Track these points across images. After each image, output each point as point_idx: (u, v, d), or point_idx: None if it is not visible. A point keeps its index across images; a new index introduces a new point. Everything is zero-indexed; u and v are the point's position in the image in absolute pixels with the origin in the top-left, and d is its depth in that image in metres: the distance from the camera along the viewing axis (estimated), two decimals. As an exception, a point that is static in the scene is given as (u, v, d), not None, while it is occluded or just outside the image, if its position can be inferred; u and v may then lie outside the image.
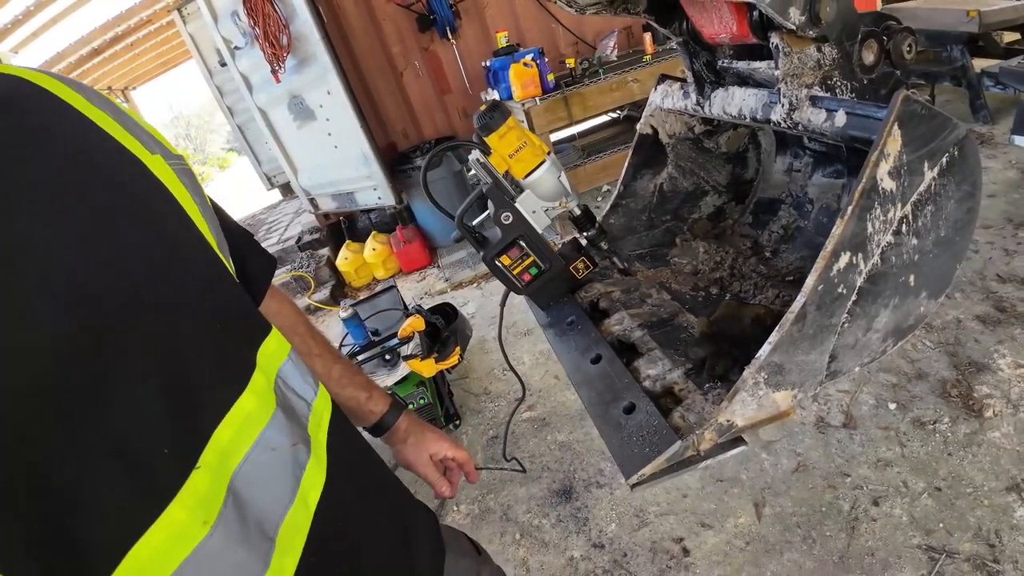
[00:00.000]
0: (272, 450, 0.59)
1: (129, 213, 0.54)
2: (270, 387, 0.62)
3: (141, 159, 0.58)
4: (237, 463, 0.55)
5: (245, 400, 0.57)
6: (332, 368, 0.91)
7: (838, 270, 0.78)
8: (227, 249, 0.68)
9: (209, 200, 0.69)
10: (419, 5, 4.83)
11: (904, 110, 0.75)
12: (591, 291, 1.24)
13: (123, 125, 0.60)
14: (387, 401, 0.97)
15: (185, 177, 0.64)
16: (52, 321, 0.45)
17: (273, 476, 0.58)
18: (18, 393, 0.42)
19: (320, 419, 0.68)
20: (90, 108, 0.57)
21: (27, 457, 0.42)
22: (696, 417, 0.84)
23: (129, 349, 0.49)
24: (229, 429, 0.55)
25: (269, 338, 0.66)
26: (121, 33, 7.55)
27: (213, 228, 0.65)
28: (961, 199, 0.85)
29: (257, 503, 0.55)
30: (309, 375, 0.71)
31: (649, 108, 1.41)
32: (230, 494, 0.53)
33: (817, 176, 1.29)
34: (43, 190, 0.48)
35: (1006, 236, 2.89)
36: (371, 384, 0.97)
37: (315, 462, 0.63)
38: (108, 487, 0.46)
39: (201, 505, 0.50)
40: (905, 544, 1.71)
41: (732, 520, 1.96)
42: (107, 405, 0.46)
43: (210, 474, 0.52)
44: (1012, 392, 2.06)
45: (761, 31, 0.93)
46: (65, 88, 0.57)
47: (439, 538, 0.86)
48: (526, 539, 2.15)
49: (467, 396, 3.05)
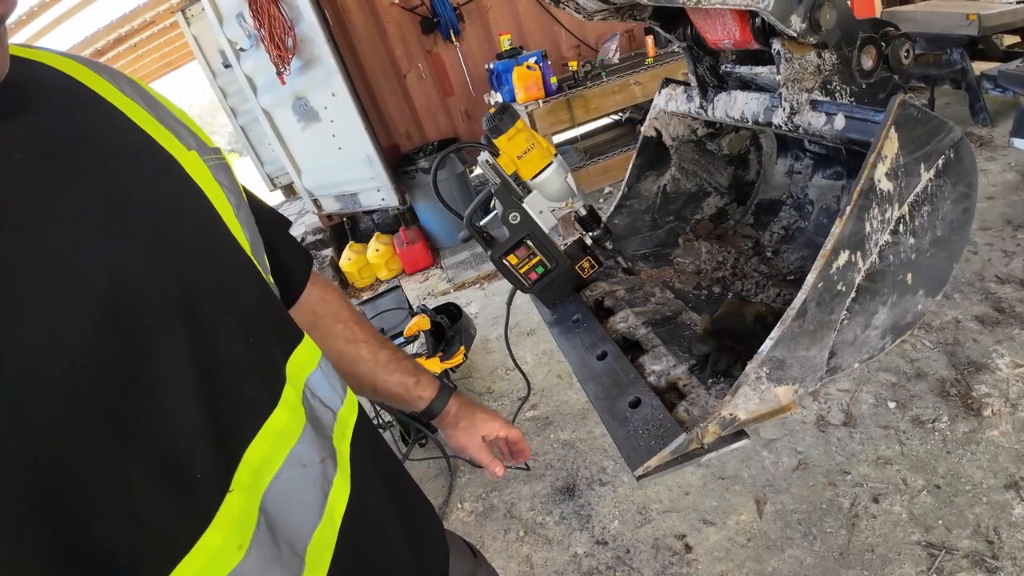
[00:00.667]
0: (303, 467, 0.57)
1: (161, 218, 0.51)
2: (300, 400, 0.60)
3: (176, 157, 0.56)
4: (268, 481, 0.53)
5: (278, 415, 0.55)
6: (379, 353, 0.88)
7: (837, 268, 0.80)
8: (262, 248, 0.66)
9: (245, 194, 0.66)
10: (423, 8, 4.86)
11: (901, 114, 0.78)
12: (596, 290, 1.26)
13: (158, 118, 0.57)
14: (436, 385, 0.94)
15: (221, 173, 0.61)
16: (83, 335, 0.42)
17: (303, 493, 0.56)
18: (54, 415, 0.40)
19: (345, 428, 0.66)
20: (123, 100, 0.55)
21: (63, 484, 0.40)
22: (700, 411, 0.87)
23: (164, 363, 0.46)
24: (262, 447, 0.53)
25: (301, 346, 0.63)
26: (125, 34, 7.57)
27: (247, 228, 0.62)
28: (957, 200, 0.88)
29: (288, 522, 0.54)
30: (338, 382, 0.68)
31: (653, 111, 1.44)
32: (262, 514, 0.51)
33: (817, 178, 1.32)
34: (72, 194, 0.46)
35: (1005, 238, 2.91)
36: (419, 368, 0.93)
37: (340, 475, 0.61)
38: (146, 513, 0.43)
39: (236, 528, 0.48)
40: (905, 540, 1.74)
41: (734, 517, 1.99)
42: (143, 427, 0.44)
43: (244, 495, 0.50)
44: (1010, 391, 2.09)
45: (763, 37, 0.96)
46: (97, 78, 0.55)
47: (443, 537, 0.86)
48: (530, 536, 2.18)
49: (471, 395, 3.07)
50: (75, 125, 0.50)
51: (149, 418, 0.44)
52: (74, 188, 0.46)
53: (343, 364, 0.86)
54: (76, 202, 0.46)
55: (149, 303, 0.47)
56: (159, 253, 0.49)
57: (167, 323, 0.47)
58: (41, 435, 0.39)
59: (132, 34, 7.64)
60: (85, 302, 0.43)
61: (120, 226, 0.47)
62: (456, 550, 0.89)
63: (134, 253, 0.47)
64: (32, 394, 0.39)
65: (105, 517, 0.41)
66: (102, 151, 0.50)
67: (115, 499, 0.42)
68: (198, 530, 0.45)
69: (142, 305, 0.46)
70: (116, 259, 0.46)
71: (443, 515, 2.37)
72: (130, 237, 0.48)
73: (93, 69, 0.56)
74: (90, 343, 0.42)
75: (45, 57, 0.53)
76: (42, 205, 0.44)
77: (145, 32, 7.76)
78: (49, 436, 0.39)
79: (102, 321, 0.43)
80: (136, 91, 0.59)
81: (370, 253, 5.08)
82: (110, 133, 0.52)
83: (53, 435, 0.39)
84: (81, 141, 0.49)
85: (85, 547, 0.40)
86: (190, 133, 0.61)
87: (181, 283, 0.50)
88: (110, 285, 0.44)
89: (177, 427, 0.46)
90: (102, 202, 0.47)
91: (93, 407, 0.41)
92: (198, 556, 0.45)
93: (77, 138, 0.49)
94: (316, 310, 0.84)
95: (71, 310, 0.42)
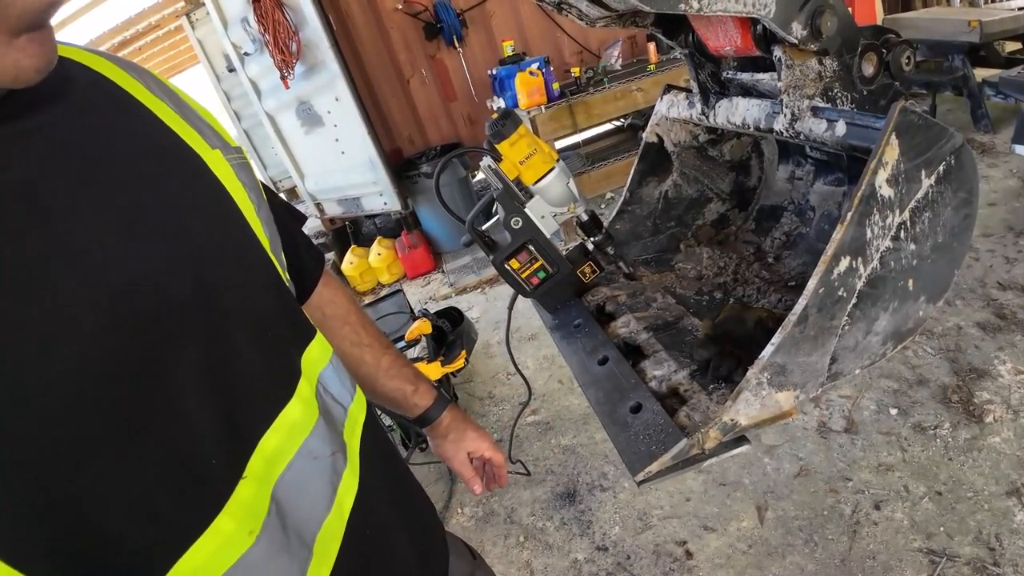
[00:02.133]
0: (314, 459, 0.58)
1: (183, 217, 0.52)
2: (314, 394, 0.61)
3: (201, 155, 0.57)
4: (280, 472, 0.54)
5: (292, 408, 0.57)
6: (382, 359, 0.90)
7: (838, 274, 0.81)
8: (280, 245, 0.67)
9: (264, 192, 0.67)
10: (426, 14, 4.88)
11: (901, 120, 0.78)
12: (598, 295, 1.27)
13: (184, 117, 0.58)
14: (432, 395, 0.95)
15: (243, 173, 0.62)
16: (96, 331, 0.43)
17: (313, 484, 0.58)
18: (67, 404, 0.41)
19: (355, 424, 0.68)
20: (152, 99, 0.56)
21: (79, 467, 0.42)
22: (701, 416, 0.87)
23: (181, 357, 0.48)
24: (276, 437, 0.54)
25: (314, 342, 0.65)
26: (129, 37, 7.62)
27: (267, 226, 0.63)
28: (958, 206, 0.88)
29: (297, 512, 0.55)
30: (348, 379, 0.70)
31: (655, 117, 1.44)
32: (273, 502, 0.52)
33: (818, 184, 1.32)
34: (96, 191, 0.47)
35: (1007, 244, 2.91)
36: (419, 377, 0.95)
37: (350, 469, 0.63)
38: (160, 497, 0.45)
39: (248, 515, 0.50)
40: (906, 547, 1.73)
41: (735, 523, 1.98)
42: (159, 415, 0.46)
43: (256, 483, 0.51)
44: (1012, 398, 2.08)
45: (764, 44, 0.96)
46: (126, 76, 0.56)
47: (444, 538, 0.87)
48: (530, 542, 2.17)
49: (472, 400, 3.07)
50: (103, 123, 0.51)
51: (162, 408, 0.46)
52: (98, 185, 0.47)
53: (345, 365, 0.86)
54: (99, 199, 0.47)
55: (166, 300, 0.48)
56: (179, 251, 0.50)
57: (183, 319, 0.49)
58: (56, 421, 0.41)
59: (137, 37, 7.68)
60: (100, 297, 0.44)
61: (141, 226, 0.48)
62: (456, 551, 0.90)
63: (154, 252, 0.48)
64: (47, 385, 0.40)
65: (116, 501, 0.43)
66: (129, 150, 0.51)
67: (127, 483, 0.44)
68: (210, 515, 0.47)
69: (159, 302, 0.47)
70: (135, 257, 0.47)
71: (443, 519, 2.37)
72: (150, 236, 0.49)
73: (123, 67, 0.57)
74: (103, 338, 0.43)
75: (75, 53, 0.54)
76: (64, 200, 0.45)
77: (150, 35, 7.80)
78: (64, 423, 0.41)
79: (118, 317, 0.44)
80: (163, 90, 0.60)
81: (372, 257, 5.09)
82: (137, 131, 0.53)
83: (67, 422, 0.41)
84: (108, 139, 0.50)
85: (95, 530, 0.42)
86: (213, 132, 0.62)
87: (199, 281, 0.51)
88: (127, 282, 0.46)
89: (191, 416, 0.47)
90: (125, 201, 0.48)
91: (106, 398, 0.43)
92: (210, 540, 0.47)
93: (104, 136, 0.50)
94: (325, 311, 0.85)
95: (85, 305, 0.43)
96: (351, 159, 4.53)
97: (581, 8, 0.93)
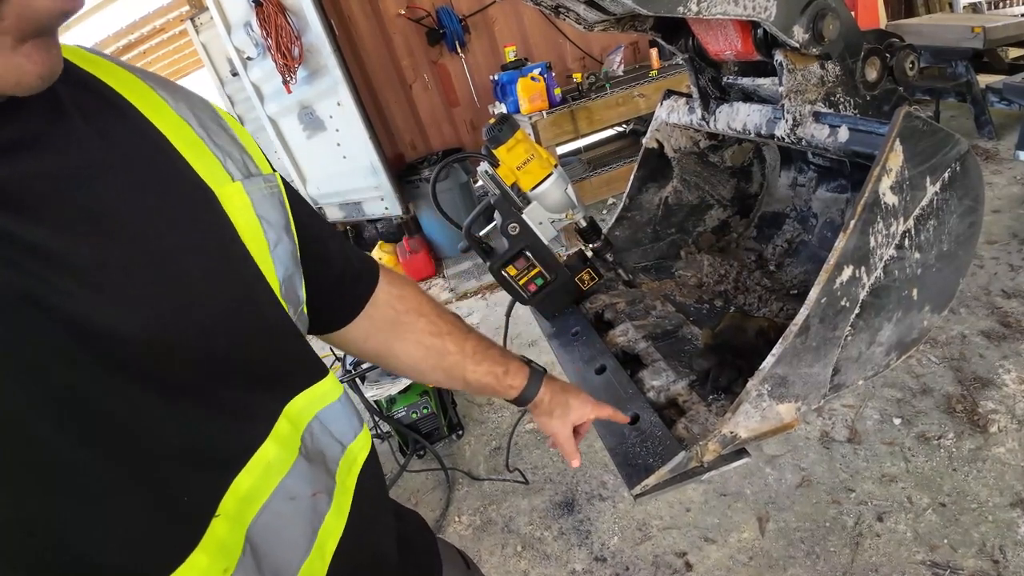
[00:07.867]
0: (291, 499, 0.56)
1: (178, 259, 0.50)
2: (296, 434, 0.59)
3: (213, 189, 0.54)
4: (255, 512, 0.53)
5: (267, 448, 0.55)
6: (465, 344, 0.85)
7: (841, 283, 0.79)
8: (297, 282, 0.64)
9: (292, 219, 0.64)
10: (429, 19, 4.89)
11: (905, 126, 0.77)
12: (596, 302, 1.25)
13: (208, 140, 0.56)
14: (526, 373, 0.90)
15: (267, 204, 0.59)
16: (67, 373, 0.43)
17: (291, 526, 0.56)
18: (44, 437, 0.41)
19: (354, 461, 0.66)
20: (170, 118, 0.54)
21: (48, 501, 0.41)
22: (700, 428, 0.85)
23: (154, 396, 0.47)
24: (249, 478, 0.53)
25: (322, 382, 0.63)
26: (134, 41, 7.66)
27: (282, 265, 0.60)
28: (963, 214, 0.86)
29: (274, 553, 0.54)
30: (355, 417, 0.68)
31: (655, 123, 1.43)
32: (248, 543, 0.52)
33: (821, 191, 1.31)
34: (93, 226, 0.46)
35: (1011, 251, 2.89)
36: (507, 356, 0.90)
37: (335, 510, 0.61)
38: (137, 528, 0.45)
39: (222, 553, 0.49)
40: (909, 560, 1.70)
41: (735, 535, 1.95)
42: (133, 449, 0.45)
43: (229, 522, 0.50)
44: (1017, 408, 2.06)
45: (765, 48, 0.95)
46: (148, 91, 0.53)
47: (436, 552, 0.86)
48: (528, 551, 2.15)
49: (470, 406, 3.05)
50: (108, 148, 0.49)
51: (131, 440, 0.46)
52: (90, 222, 0.46)
53: (430, 359, 0.84)
54: (89, 235, 0.45)
55: (144, 345, 0.47)
56: (168, 300, 0.49)
57: (158, 362, 0.47)
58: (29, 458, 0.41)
59: (141, 41, 7.73)
60: (70, 339, 0.43)
61: (133, 271, 0.47)
62: (449, 560, 0.89)
63: (141, 299, 0.47)
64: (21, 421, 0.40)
65: (93, 528, 0.43)
66: (130, 180, 0.49)
67: (101, 516, 0.43)
68: (186, 550, 0.47)
69: (136, 346, 0.46)
70: (120, 288, 0.46)
71: (440, 528, 2.34)
72: (141, 283, 0.47)
73: (146, 81, 0.55)
74: (67, 379, 0.43)
75: (88, 62, 0.52)
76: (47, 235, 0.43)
77: (154, 39, 7.84)
78: (36, 461, 0.41)
79: (95, 345, 0.44)
80: (192, 108, 0.57)
81: (373, 262, 5.09)
82: (142, 158, 0.51)
83: (40, 460, 0.41)
84: (109, 170, 0.48)
85: (71, 563, 0.42)
86: (245, 158, 0.60)
87: (181, 326, 0.49)
88: (109, 327, 0.44)
89: (161, 451, 0.47)
90: (117, 245, 0.47)
91: (79, 430, 0.43)
92: (186, 574, 0.46)
93: (105, 167, 0.48)
94: (396, 307, 0.82)
95: (59, 345, 0.42)
96: (353, 164, 4.53)
97: (579, 11, 0.92)
